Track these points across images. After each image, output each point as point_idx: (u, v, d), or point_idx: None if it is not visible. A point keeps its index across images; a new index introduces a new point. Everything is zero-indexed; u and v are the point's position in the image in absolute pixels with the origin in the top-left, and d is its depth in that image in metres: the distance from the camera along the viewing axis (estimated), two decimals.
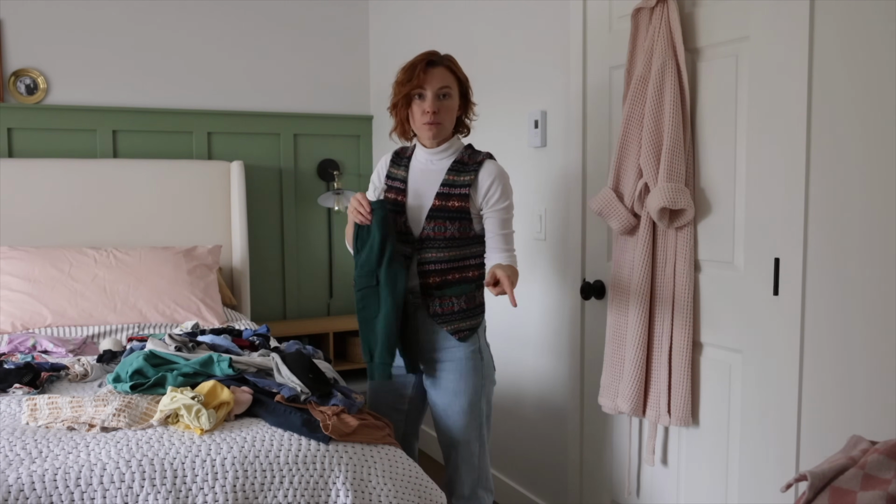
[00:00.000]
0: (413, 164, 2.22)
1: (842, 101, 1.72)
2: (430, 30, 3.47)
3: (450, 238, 2.13)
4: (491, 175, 2.13)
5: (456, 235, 2.13)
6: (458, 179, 2.13)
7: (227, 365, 2.07)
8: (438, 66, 2.11)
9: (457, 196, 2.12)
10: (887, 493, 1.08)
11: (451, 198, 2.12)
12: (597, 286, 2.49)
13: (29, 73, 3.42)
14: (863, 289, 1.70)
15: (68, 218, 3.36)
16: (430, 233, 2.13)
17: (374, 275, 2.12)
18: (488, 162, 2.16)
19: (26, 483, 1.59)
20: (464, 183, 2.13)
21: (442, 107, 2.11)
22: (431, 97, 2.09)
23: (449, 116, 2.13)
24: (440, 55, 2.14)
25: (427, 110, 2.09)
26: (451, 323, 2.16)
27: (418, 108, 2.11)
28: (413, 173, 2.20)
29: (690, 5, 2.08)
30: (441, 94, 2.10)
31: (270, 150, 3.93)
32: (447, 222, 2.12)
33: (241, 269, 3.64)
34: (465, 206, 2.12)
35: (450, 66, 2.13)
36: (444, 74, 2.10)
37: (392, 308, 2.10)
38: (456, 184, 2.13)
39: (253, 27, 3.85)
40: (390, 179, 2.24)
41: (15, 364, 2.25)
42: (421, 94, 2.10)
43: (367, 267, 2.13)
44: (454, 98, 2.13)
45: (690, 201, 2.03)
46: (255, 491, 1.73)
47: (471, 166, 2.15)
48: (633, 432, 2.37)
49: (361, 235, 2.15)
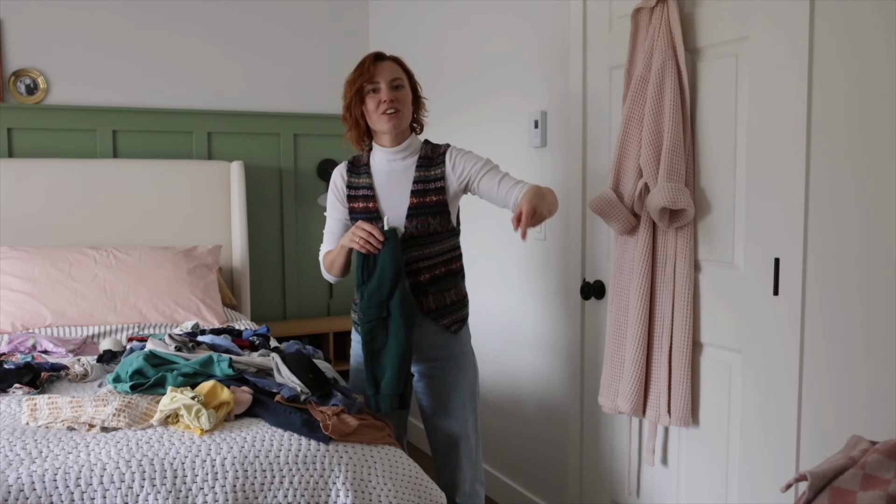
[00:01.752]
0: (375, 167, 2.21)
1: (842, 101, 1.72)
2: (430, 30, 3.47)
3: (433, 233, 2.15)
4: (455, 155, 2.17)
5: (438, 229, 2.15)
6: (429, 174, 2.15)
7: (227, 365, 2.07)
8: (386, 61, 2.15)
9: (433, 191, 2.14)
10: (887, 493, 1.08)
11: (427, 193, 2.14)
12: (597, 286, 2.49)
13: (29, 73, 3.42)
14: (863, 289, 1.70)
15: (68, 218, 3.36)
16: (413, 231, 2.13)
17: (385, 305, 2.08)
18: (450, 148, 2.20)
19: (26, 483, 1.59)
20: (436, 177, 2.15)
21: (398, 96, 2.12)
22: (386, 87, 2.11)
23: (406, 107, 2.14)
24: (386, 53, 2.19)
25: (384, 99, 2.10)
26: (446, 316, 2.18)
27: (373, 101, 2.12)
28: (378, 177, 2.19)
29: (690, 5, 2.08)
30: (395, 86, 2.12)
31: (270, 150, 3.93)
32: (429, 217, 2.14)
33: (241, 269, 3.64)
34: (443, 199, 2.14)
35: (398, 61, 2.18)
36: (393, 67, 2.14)
37: (406, 339, 2.08)
38: (429, 178, 2.15)
39: (253, 27, 3.85)
40: (353, 189, 2.22)
41: (15, 364, 2.25)
42: (374, 87, 2.12)
43: (378, 298, 2.08)
44: (407, 90, 2.16)
45: (690, 201, 2.03)
46: (255, 491, 1.73)
47: (436, 159, 2.17)
48: (633, 432, 2.37)
49: (368, 265, 2.07)
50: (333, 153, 4.07)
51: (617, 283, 2.24)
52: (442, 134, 3.40)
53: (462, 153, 2.18)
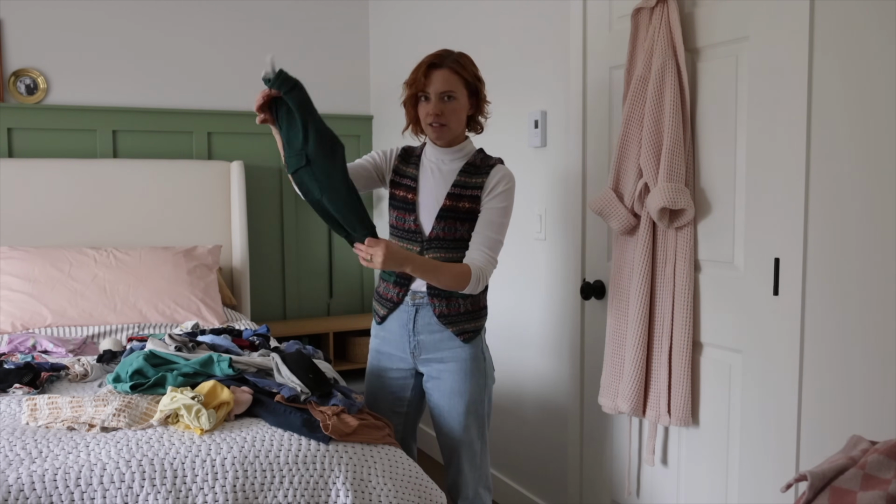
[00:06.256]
0: (424, 162, 2.21)
1: (842, 100, 1.72)
2: (430, 29, 3.47)
3: (458, 239, 2.13)
4: (500, 175, 2.13)
5: (465, 237, 2.13)
6: (469, 181, 2.13)
7: (227, 365, 2.07)
8: (441, 69, 2.07)
9: (468, 198, 2.12)
10: (887, 493, 1.08)
11: (462, 199, 2.12)
12: (597, 286, 2.49)
13: (29, 73, 3.42)
14: (863, 289, 1.70)
15: (68, 218, 3.36)
16: (439, 233, 2.12)
17: (304, 154, 1.92)
18: (500, 166, 2.15)
19: (26, 483, 1.59)
20: (475, 185, 2.12)
21: (446, 108, 2.08)
22: (435, 100, 2.07)
23: (455, 118, 2.10)
24: (446, 57, 2.09)
25: (430, 112, 2.08)
26: (457, 324, 2.16)
27: (423, 109, 2.11)
28: (424, 172, 2.19)
29: (690, 5, 2.08)
30: (445, 97, 2.07)
31: (270, 150, 3.93)
32: (457, 223, 2.12)
33: (241, 269, 3.64)
34: (476, 208, 2.12)
35: (454, 68, 2.08)
36: (446, 77, 2.07)
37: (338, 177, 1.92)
38: (468, 185, 2.13)
39: (253, 27, 3.85)
40: (398, 175, 2.22)
41: (15, 364, 2.25)
42: (425, 96, 2.09)
43: (294, 148, 1.93)
44: (460, 100, 2.09)
45: (690, 201, 2.03)
46: (255, 491, 1.73)
47: (483, 169, 2.14)
48: (633, 432, 2.37)
49: (280, 116, 1.94)
50: None
51: (617, 283, 2.24)
52: None
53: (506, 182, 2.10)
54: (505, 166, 2.17)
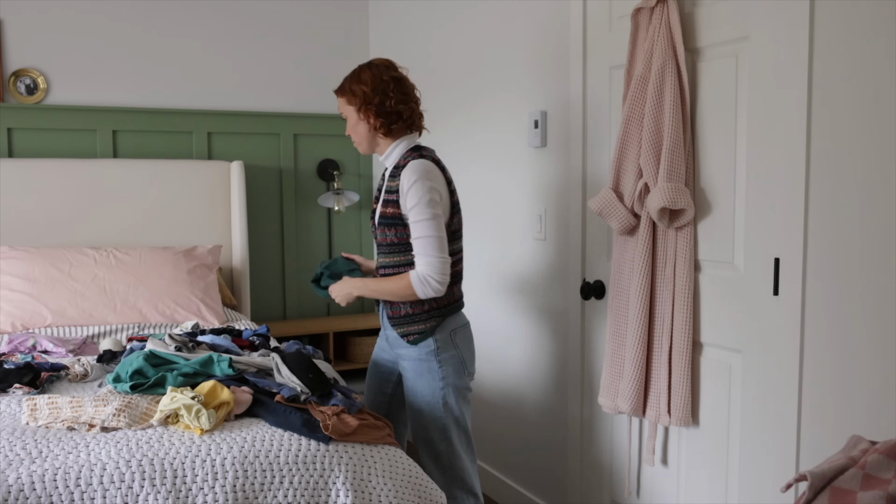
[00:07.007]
0: None
1: (842, 100, 1.72)
2: (430, 30, 3.48)
3: (391, 244, 2.17)
4: (406, 174, 2.10)
5: (395, 241, 2.16)
6: (392, 185, 2.17)
7: (227, 365, 2.07)
8: (338, 97, 2.26)
9: (392, 203, 2.15)
10: (887, 493, 1.08)
11: (388, 204, 2.16)
12: (597, 286, 2.49)
13: (29, 73, 3.43)
14: (863, 288, 1.70)
15: (68, 218, 3.36)
16: (379, 239, 2.22)
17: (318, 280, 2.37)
18: (410, 163, 2.12)
19: (26, 483, 1.59)
20: (395, 188, 2.15)
21: (349, 129, 2.26)
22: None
23: (356, 135, 2.24)
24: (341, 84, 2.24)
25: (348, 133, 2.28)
26: (401, 326, 2.21)
27: None
28: None
29: (690, 5, 2.08)
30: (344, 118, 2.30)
31: (270, 150, 3.93)
32: (386, 229, 2.17)
33: (241, 269, 3.64)
34: (398, 213, 2.13)
35: (340, 91, 2.23)
36: (340, 103, 2.26)
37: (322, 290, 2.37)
38: (391, 189, 2.16)
39: (253, 27, 3.85)
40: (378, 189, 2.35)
41: (15, 364, 2.25)
42: None
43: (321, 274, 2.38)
44: (350, 117, 2.23)
45: (690, 201, 2.03)
46: (255, 491, 1.73)
47: (400, 171, 2.15)
48: (633, 432, 2.37)
49: None
50: (333, 153, 4.07)
51: (617, 283, 2.24)
52: (442, 134, 3.40)
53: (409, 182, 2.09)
54: (415, 161, 2.11)
